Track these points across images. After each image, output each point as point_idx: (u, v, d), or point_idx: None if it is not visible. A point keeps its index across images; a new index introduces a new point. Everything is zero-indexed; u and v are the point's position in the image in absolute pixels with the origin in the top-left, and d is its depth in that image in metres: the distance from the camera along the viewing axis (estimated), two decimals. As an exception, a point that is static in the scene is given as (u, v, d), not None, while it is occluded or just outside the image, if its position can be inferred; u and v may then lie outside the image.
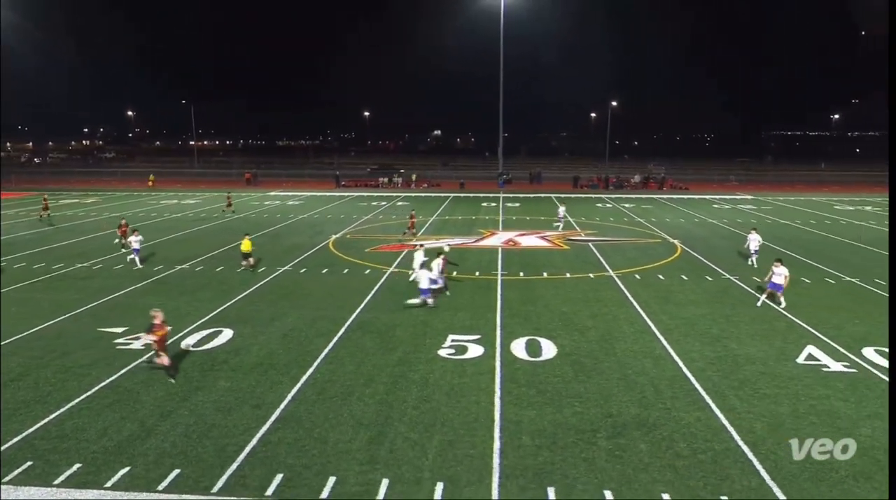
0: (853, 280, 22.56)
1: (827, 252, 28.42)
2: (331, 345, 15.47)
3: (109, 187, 64.78)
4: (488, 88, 74.08)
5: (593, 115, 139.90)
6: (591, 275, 23.42)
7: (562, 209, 37.70)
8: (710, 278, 22.86)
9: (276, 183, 70.93)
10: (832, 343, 15.54)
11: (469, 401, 12.21)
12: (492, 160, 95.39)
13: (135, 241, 23.97)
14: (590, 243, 30.74)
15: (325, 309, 18.65)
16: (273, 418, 11.45)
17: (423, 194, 58.08)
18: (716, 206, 48.57)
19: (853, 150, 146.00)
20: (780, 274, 18.87)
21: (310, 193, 57.49)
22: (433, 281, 18.85)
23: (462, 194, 58.13)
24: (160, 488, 9.13)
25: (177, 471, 9.57)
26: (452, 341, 15.79)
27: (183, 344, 15.36)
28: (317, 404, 12.05)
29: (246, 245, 23.86)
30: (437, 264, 19.79)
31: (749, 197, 56.08)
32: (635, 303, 19.38)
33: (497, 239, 32.12)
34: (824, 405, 12.03)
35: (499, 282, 22.19)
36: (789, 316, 17.89)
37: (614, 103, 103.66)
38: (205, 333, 16.33)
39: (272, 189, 63.28)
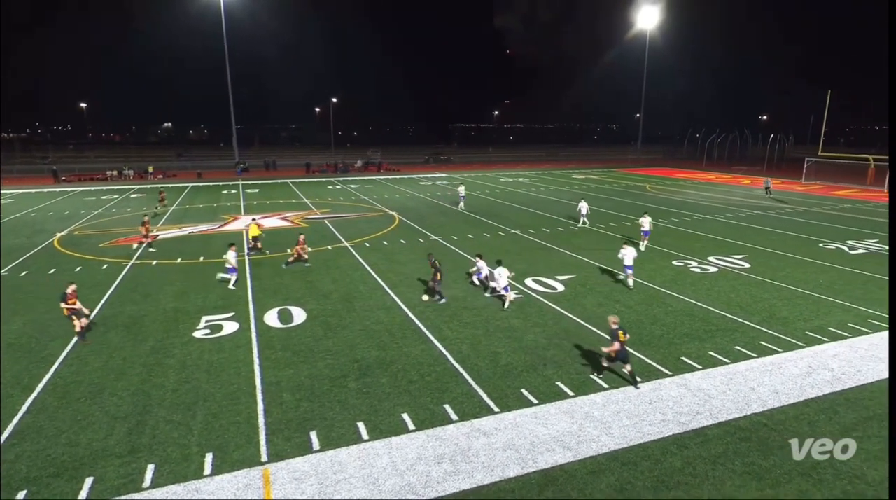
0: (516, 232, 26.79)
1: (499, 212, 33.05)
2: (70, 346, 12.76)
3: None
4: (217, 81, 66.98)
5: (318, 109, 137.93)
6: (329, 247, 23.47)
7: (461, 189, 36.24)
8: (421, 240, 24.81)
9: (-26, 181, 54.26)
10: (506, 278, 18.29)
11: (230, 373, 11.35)
12: (227, 150, 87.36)
13: (232, 257, 17.31)
14: (325, 220, 30.68)
15: (57, 310, 15.18)
16: (5, 435, 9.08)
17: (159, 185, 50.67)
18: (421, 183, 52.49)
19: (508, 138, 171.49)
20: (646, 222, 22.40)
21: (22, 191, 45.56)
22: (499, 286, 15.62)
23: (201, 184, 52.30)
24: None
25: None
26: (207, 321, 14.38)
27: None
28: (60, 410, 9.90)
29: (254, 230, 22.30)
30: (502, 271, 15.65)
31: (444, 175, 61.86)
32: (367, 266, 20.08)
33: (241, 223, 29.89)
34: (504, 323, 14.20)
35: (246, 262, 20.78)
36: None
37: (334, 99, 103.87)
38: None
39: (-31, 188, 48.26)
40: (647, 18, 76.48)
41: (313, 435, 9.14)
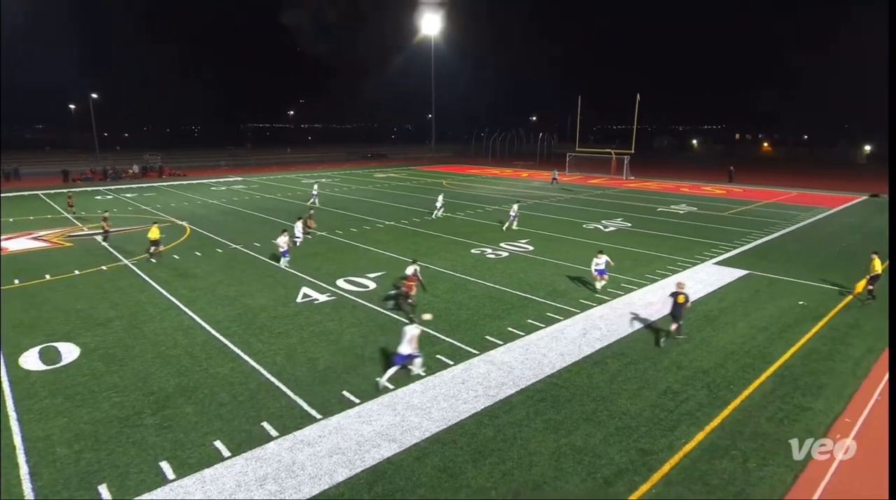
0: (323, 233, 26.26)
1: (303, 215, 31.95)
2: None
3: None
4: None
5: (73, 106, 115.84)
6: (104, 267, 20.05)
7: (315, 187, 37.96)
8: (220, 250, 22.76)
9: None
10: (317, 281, 17.89)
11: (-27, 438, 9.00)
12: (-59, 157, 67.97)
13: (283, 241, 19.56)
14: (96, 236, 26.08)
15: None
16: None
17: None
18: (213, 188, 48.01)
19: (307, 138, 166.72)
20: (514, 213, 26.67)
21: None
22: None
23: None
24: None
25: None
26: (-71, 378, 11.16)
27: None
28: None
29: (154, 232, 20.43)
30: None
31: (239, 178, 57.49)
32: (156, 284, 17.70)
33: (-28, 248, 23.71)
34: (320, 328, 13.88)
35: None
36: (284, 268, 19.58)
37: (95, 95, 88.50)
38: None
39: None
40: (431, 25, 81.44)
41: (103, 489, 7.79)
